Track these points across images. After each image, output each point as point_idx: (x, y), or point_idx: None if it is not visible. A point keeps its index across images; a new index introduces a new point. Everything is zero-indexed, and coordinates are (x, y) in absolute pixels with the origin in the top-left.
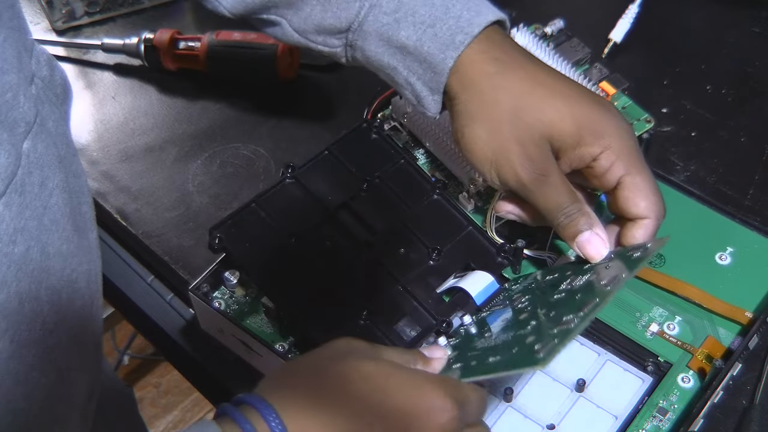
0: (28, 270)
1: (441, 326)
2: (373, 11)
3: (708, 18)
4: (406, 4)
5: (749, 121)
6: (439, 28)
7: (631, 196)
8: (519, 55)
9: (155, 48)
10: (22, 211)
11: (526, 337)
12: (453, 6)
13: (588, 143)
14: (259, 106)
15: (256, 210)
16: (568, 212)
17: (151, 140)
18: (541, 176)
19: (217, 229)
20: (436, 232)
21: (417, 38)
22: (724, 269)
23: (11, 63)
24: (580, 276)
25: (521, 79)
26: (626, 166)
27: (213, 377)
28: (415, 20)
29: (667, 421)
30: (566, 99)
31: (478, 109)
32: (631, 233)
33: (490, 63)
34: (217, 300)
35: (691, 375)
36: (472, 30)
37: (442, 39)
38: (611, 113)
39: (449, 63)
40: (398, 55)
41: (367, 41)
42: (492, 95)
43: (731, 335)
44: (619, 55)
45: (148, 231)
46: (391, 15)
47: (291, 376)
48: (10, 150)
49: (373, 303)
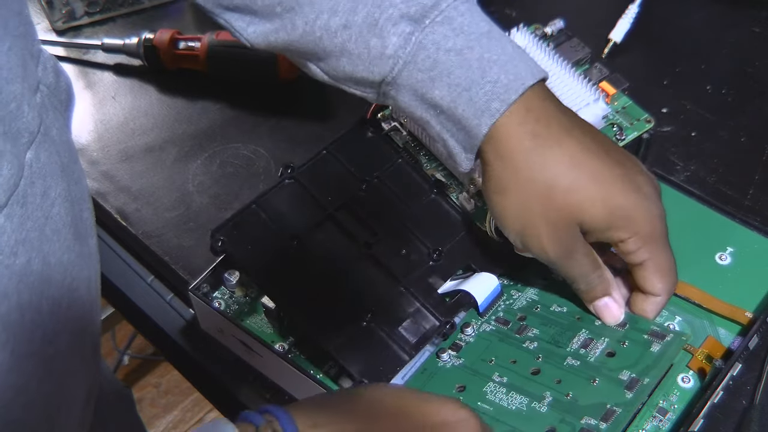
0: (29, 281)
1: (445, 327)
2: (407, 67)
3: (708, 18)
4: (442, 63)
5: (749, 121)
6: (474, 93)
7: (650, 277)
8: (557, 127)
9: (155, 48)
10: (23, 222)
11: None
12: (490, 69)
13: (617, 228)
14: (259, 106)
15: (257, 211)
16: (588, 281)
17: (151, 140)
18: (567, 253)
19: (219, 231)
20: (436, 232)
21: (451, 99)
22: (724, 269)
23: (16, 72)
24: (595, 340)
25: (557, 159)
26: (651, 251)
27: (213, 377)
28: (450, 81)
29: (667, 421)
30: (600, 184)
31: (510, 181)
32: (642, 306)
33: (527, 138)
34: (217, 300)
35: (691, 375)
36: (509, 97)
37: (477, 104)
38: (644, 198)
39: (483, 130)
40: (432, 111)
41: (401, 93)
42: (527, 173)
43: (731, 335)
44: (619, 55)
45: (148, 231)
46: (426, 72)
47: (321, 398)
48: (13, 161)
49: (375, 304)
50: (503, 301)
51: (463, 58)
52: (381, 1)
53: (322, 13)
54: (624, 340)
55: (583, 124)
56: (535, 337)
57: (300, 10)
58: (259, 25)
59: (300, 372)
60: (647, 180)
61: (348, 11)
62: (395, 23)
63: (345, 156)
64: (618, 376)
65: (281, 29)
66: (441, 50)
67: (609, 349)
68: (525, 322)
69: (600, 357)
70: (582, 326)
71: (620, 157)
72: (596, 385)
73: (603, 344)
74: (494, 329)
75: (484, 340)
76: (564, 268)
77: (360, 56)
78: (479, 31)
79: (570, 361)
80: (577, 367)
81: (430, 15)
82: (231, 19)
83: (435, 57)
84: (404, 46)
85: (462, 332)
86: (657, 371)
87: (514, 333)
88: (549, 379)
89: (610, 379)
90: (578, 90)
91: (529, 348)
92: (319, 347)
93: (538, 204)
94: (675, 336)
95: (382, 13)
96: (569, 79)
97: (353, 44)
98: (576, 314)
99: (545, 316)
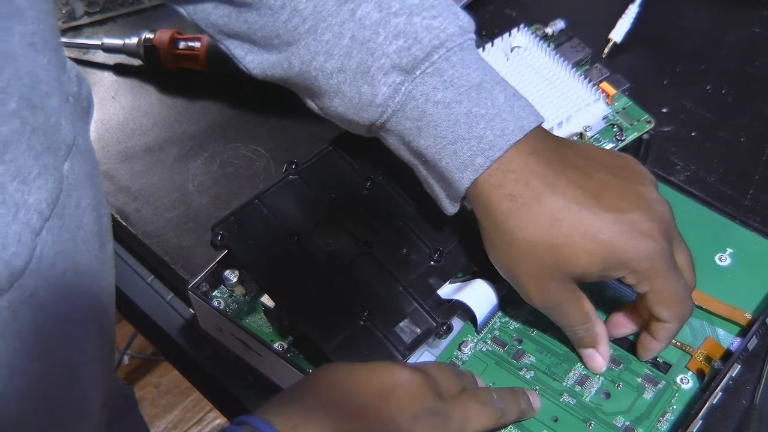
0: (64, 293)
1: (441, 329)
2: (396, 115)
3: (708, 18)
4: (429, 115)
5: (749, 121)
6: (459, 147)
7: (655, 307)
8: (538, 184)
9: (155, 48)
10: (61, 233)
11: None
12: (477, 124)
13: (611, 269)
14: (259, 106)
15: (259, 207)
16: (574, 332)
17: (151, 140)
18: (554, 305)
19: (219, 225)
20: (438, 232)
21: (436, 151)
22: (724, 270)
23: (53, 85)
24: (591, 378)
25: (537, 218)
26: (651, 283)
27: (213, 377)
28: (436, 134)
29: (665, 422)
30: (584, 235)
31: (496, 239)
32: (653, 330)
33: (505, 200)
34: (217, 299)
35: (690, 376)
36: (493, 154)
37: (461, 158)
38: (637, 239)
39: (466, 184)
40: (418, 158)
41: (389, 137)
42: (509, 235)
43: (730, 336)
44: (620, 55)
45: (148, 231)
46: (414, 122)
47: (289, 394)
48: (55, 174)
49: (373, 303)
50: (499, 318)
51: (450, 111)
52: (375, 49)
53: (318, 55)
54: (618, 382)
55: (572, 172)
56: (532, 366)
57: (297, 47)
58: (258, 54)
59: (299, 371)
60: (645, 215)
61: (343, 55)
62: (386, 73)
63: (350, 153)
64: (613, 421)
65: (278, 65)
66: (429, 102)
67: (605, 389)
68: (521, 346)
69: (595, 398)
70: (577, 359)
71: (612, 199)
72: (591, 429)
73: (598, 383)
74: (491, 350)
75: (480, 361)
76: (552, 318)
77: (352, 100)
78: (470, 83)
79: (566, 398)
80: (573, 406)
81: (421, 66)
82: (231, 46)
83: (423, 108)
84: (393, 96)
85: (459, 350)
86: (649, 422)
87: (510, 358)
88: (546, 415)
89: (606, 424)
90: (579, 90)
91: (525, 377)
92: (315, 347)
93: (522, 262)
94: (667, 384)
95: (375, 61)
96: (570, 79)
97: (347, 87)
98: None
99: (541, 342)
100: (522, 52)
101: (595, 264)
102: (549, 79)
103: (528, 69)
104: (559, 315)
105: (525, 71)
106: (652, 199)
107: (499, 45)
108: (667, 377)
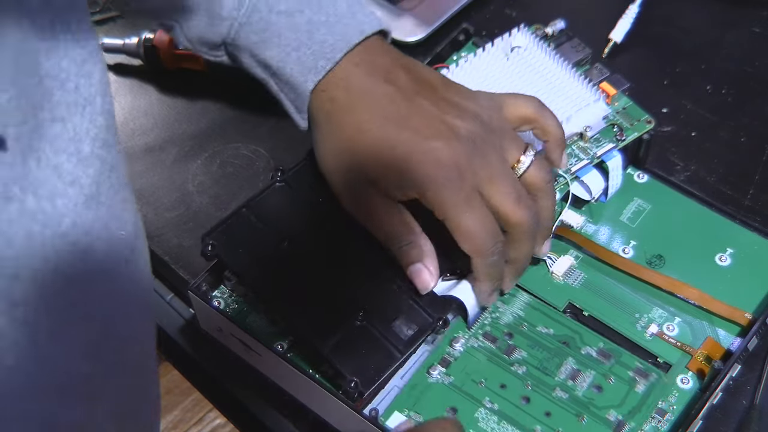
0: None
1: (437, 324)
2: (243, 29)
3: (708, 18)
4: (273, 25)
5: (749, 121)
6: (302, 52)
7: (454, 237)
8: (356, 92)
9: (155, 48)
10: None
11: None
12: (317, 30)
13: (406, 187)
14: (259, 106)
15: (247, 215)
16: (399, 245)
17: (151, 140)
18: (367, 211)
19: (209, 235)
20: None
21: (280, 59)
22: (724, 270)
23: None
24: (582, 372)
25: (347, 125)
26: (444, 213)
27: (213, 377)
28: (280, 42)
29: (666, 422)
30: (383, 148)
31: (317, 139)
32: None
33: (326, 103)
34: (217, 299)
35: (690, 376)
36: (335, 56)
37: (305, 64)
38: (429, 161)
39: (310, 86)
40: (267, 71)
41: (241, 54)
42: (326, 136)
43: (731, 336)
44: (620, 55)
45: (148, 231)
46: (259, 34)
47: None
48: None
49: (368, 303)
50: (490, 313)
51: (293, 20)
52: None
53: None
54: (610, 375)
55: (391, 88)
56: (523, 361)
57: None
58: None
59: (299, 371)
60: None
61: None
62: None
63: None
64: (605, 415)
65: None
66: (273, 12)
67: (596, 383)
68: (512, 342)
69: (587, 392)
70: (569, 353)
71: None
72: (584, 423)
73: (590, 377)
74: (482, 345)
75: (472, 357)
76: (374, 232)
77: (204, 17)
78: None
79: (558, 393)
80: (566, 400)
81: None
82: None
83: (268, 18)
84: (238, 8)
85: (451, 346)
86: (642, 416)
87: (502, 353)
88: (538, 410)
89: (598, 418)
90: (579, 91)
91: (518, 372)
92: (314, 349)
93: (332, 163)
94: (658, 377)
95: None
96: (570, 79)
97: (198, 2)
98: (562, 339)
99: (532, 336)
100: (522, 52)
101: (391, 177)
102: (549, 79)
103: (528, 69)
104: (376, 225)
105: (525, 71)
106: (463, 136)
107: (499, 45)
108: (658, 370)
